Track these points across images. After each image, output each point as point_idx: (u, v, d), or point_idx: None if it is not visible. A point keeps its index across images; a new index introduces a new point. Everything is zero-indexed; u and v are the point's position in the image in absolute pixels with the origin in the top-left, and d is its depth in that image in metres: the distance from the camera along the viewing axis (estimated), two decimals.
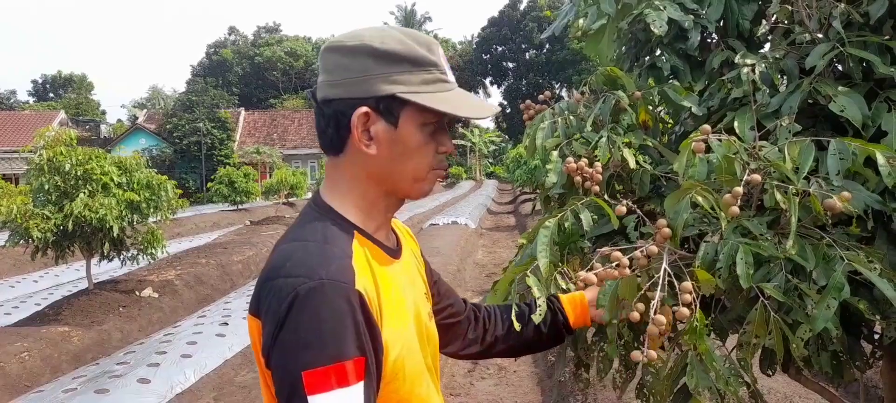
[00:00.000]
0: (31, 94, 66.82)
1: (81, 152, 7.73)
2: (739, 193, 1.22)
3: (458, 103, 1.12)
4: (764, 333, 1.24)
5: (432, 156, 1.15)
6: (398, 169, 1.13)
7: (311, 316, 0.98)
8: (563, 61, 55.27)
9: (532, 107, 1.88)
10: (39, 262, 9.04)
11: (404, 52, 1.09)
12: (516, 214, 22.62)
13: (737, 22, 1.76)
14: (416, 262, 1.35)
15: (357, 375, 0.99)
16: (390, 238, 1.24)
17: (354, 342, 0.99)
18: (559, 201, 1.84)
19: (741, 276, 1.21)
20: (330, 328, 0.98)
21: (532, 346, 1.57)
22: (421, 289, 1.29)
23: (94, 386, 5.15)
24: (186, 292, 9.30)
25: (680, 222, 1.27)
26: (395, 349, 1.09)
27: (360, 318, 1.01)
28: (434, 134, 1.14)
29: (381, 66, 1.09)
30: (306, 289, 0.99)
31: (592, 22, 1.96)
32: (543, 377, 5.65)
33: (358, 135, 1.10)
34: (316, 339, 0.98)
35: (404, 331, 1.13)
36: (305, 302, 0.99)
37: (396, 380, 1.10)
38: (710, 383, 1.30)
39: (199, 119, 34.89)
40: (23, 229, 7.31)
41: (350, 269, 1.04)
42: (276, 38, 67.82)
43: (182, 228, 18.49)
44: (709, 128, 1.34)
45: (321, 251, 1.06)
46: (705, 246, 1.29)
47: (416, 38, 1.12)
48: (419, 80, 1.10)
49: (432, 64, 1.11)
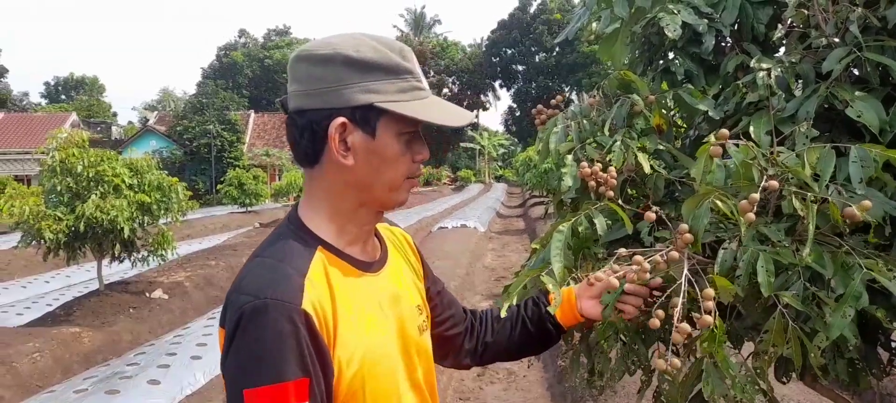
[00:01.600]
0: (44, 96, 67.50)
1: (93, 154, 7.78)
2: (756, 199, 1.21)
3: (434, 111, 1.10)
4: (782, 342, 1.23)
5: (408, 165, 1.13)
6: (375, 179, 1.11)
7: (254, 336, 0.98)
8: (572, 64, 55.19)
9: (544, 112, 1.87)
10: (51, 263, 9.11)
11: (379, 60, 1.07)
12: (526, 218, 22.58)
13: (752, 26, 1.74)
14: (410, 273, 1.33)
15: (298, 396, 0.98)
16: (369, 251, 1.21)
17: (297, 363, 0.98)
18: (572, 205, 1.83)
19: (762, 284, 1.20)
20: (272, 348, 0.98)
21: (523, 349, 1.54)
22: (411, 302, 1.25)
23: (105, 387, 5.17)
24: (196, 294, 9.33)
25: (701, 227, 1.26)
26: (351, 368, 1.07)
27: (305, 339, 0.99)
28: (410, 142, 1.13)
29: (357, 75, 1.06)
30: (251, 309, 0.99)
31: (605, 25, 1.94)
32: (553, 382, 5.63)
33: (335, 146, 1.08)
34: (257, 359, 0.97)
35: (368, 348, 1.10)
36: (249, 322, 0.99)
37: (354, 400, 1.08)
38: (726, 390, 1.28)
39: (210, 121, 35.06)
40: (35, 230, 7.36)
41: (299, 289, 1.02)
42: (285, 41, 68.12)
43: (192, 230, 18.58)
44: (726, 133, 1.32)
45: (274, 269, 1.05)
46: (724, 253, 1.28)
47: (389, 45, 1.10)
48: (395, 89, 1.08)
49: (408, 71, 1.10)
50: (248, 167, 28.62)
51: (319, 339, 1.02)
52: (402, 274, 1.29)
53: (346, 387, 1.06)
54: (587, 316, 1.47)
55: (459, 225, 17.14)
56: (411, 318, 1.23)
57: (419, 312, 1.27)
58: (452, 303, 1.48)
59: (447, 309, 1.46)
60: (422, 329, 1.26)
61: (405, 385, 1.19)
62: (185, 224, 13.99)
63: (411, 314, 1.23)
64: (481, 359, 1.52)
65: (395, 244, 1.34)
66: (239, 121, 37.87)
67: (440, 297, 1.44)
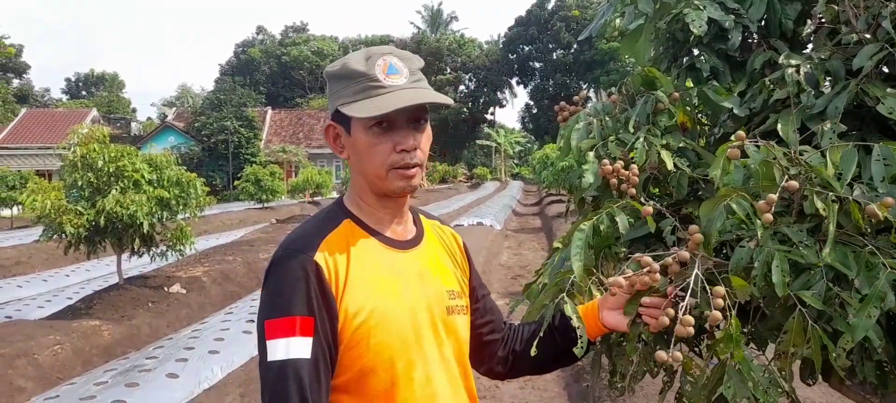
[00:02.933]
0: (65, 92, 68.33)
1: (114, 149, 7.86)
2: (773, 200, 1.19)
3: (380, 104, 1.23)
4: (801, 342, 1.20)
5: (387, 155, 1.26)
6: (363, 169, 1.30)
7: (275, 278, 1.22)
8: (590, 61, 54.81)
9: (567, 109, 1.86)
10: (71, 257, 9.20)
11: (340, 71, 1.29)
12: (542, 216, 22.51)
13: (780, 21, 1.71)
14: (451, 266, 1.45)
15: (304, 330, 1.18)
16: (400, 233, 1.37)
17: (304, 303, 1.19)
18: (593, 204, 1.81)
19: (777, 284, 1.18)
20: (285, 288, 1.20)
21: (548, 361, 1.56)
22: (443, 284, 1.38)
23: (124, 380, 5.23)
24: (213, 289, 9.40)
25: (713, 229, 1.24)
26: (357, 318, 1.23)
27: (314, 284, 1.20)
28: (386, 134, 1.26)
29: (333, 87, 1.30)
30: (276, 258, 1.25)
31: (629, 22, 1.92)
32: (570, 381, 5.61)
33: (331, 145, 1.34)
34: (275, 296, 1.21)
35: (377, 305, 1.25)
36: (273, 268, 1.24)
37: (357, 348, 1.24)
38: (748, 393, 1.26)
39: (227, 117, 35.30)
40: (57, 224, 7.44)
41: (315, 245, 1.24)
42: (303, 38, 68.40)
43: (209, 225, 18.72)
44: (743, 134, 1.30)
45: (301, 231, 1.30)
46: (739, 252, 1.26)
47: (363, 54, 1.29)
48: (352, 91, 1.26)
49: (362, 74, 1.26)
50: (265, 163, 28.81)
51: (326, 287, 1.22)
52: (438, 260, 1.42)
53: (351, 334, 1.23)
54: (610, 328, 1.47)
55: (476, 223, 17.12)
56: (439, 297, 1.36)
57: (451, 296, 1.38)
58: (493, 311, 1.55)
59: (486, 314, 1.53)
60: (451, 310, 1.37)
61: (432, 354, 1.31)
62: (202, 219, 14.10)
63: (439, 293, 1.36)
64: (511, 369, 1.57)
65: (441, 239, 1.47)
66: (256, 118, 38.12)
67: (482, 302, 1.53)
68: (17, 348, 5.96)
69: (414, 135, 1.27)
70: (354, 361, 1.24)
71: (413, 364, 1.28)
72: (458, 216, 20.50)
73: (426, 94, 1.27)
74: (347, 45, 64.52)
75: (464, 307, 1.42)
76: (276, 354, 1.17)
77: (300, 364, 1.17)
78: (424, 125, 1.30)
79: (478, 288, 1.52)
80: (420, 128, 1.29)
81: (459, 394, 1.37)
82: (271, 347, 1.18)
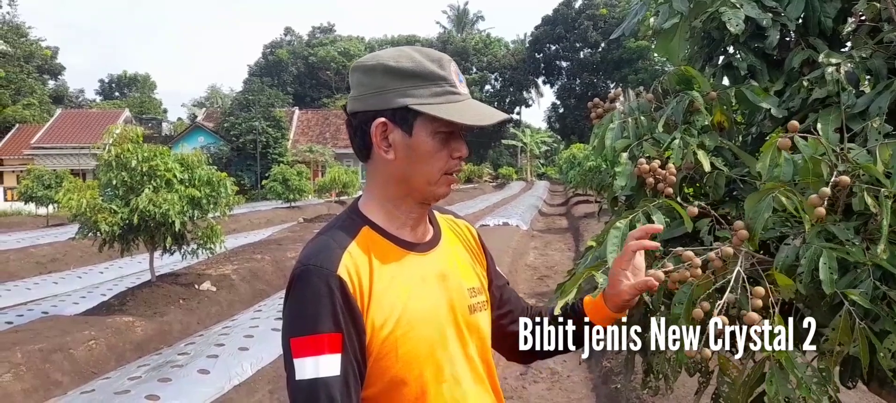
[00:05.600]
0: (98, 93, 69.61)
1: (147, 149, 8.00)
2: (827, 194, 1.17)
3: (464, 112, 1.23)
4: (848, 341, 1.19)
5: (445, 161, 1.26)
6: (413, 172, 1.26)
7: (298, 295, 1.20)
8: (618, 60, 54.27)
9: (600, 106, 1.85)
10: (104, 254, 9.40)
11: (415, 68, 1.23)
12: (569, 216, 22.37)
13: (819, 20, 1.69)
14: (469, 260, 1.44)
15: (332, 347, 1.16)
16: (419, 234, 1.34)
17: (331, 319, 1.17)
18: (627, 203, 1.81)
19: (824, 282, 1.16)
20: (310, 305, 1.18)
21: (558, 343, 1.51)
22: (463, 283, 1.36)
23: (157, 375, 5.32)
24: (243, 286, 9.52)
25: (759, 223, 1.22)
26: (385, 329, 1.22)
27: (339, 300, 1.18)
28: (447, 140, 1.25)
29: (396, 82, 1.23)
30: (297, 274, 1.21)
31: (664, 20, 1.90)
32: (598, 383, 5.57)
33: (377, 143, 1.25)
34: (300, 314, 1.19)
35: (404, 314, 1.24)
36: (295, 284, 1.21)
37: (386, 359, 1.23)
38: (790, 391, 1.24)
39: (255, 118, 35.71)
40: (92, 222, 7.60)
41: (337, 259, 1.21)
42: (330, 39, 68.82)
43: (237, 224, 18.95)
44: (797, 125, 1.28)
45: (321, 243, 1.25)
46: (785, 249, 1.24)
47: (429, 55, 1.26)
48: (429, 93, 1.22)
49: (442, 78, 1.23)
50: (292, 163, 29.07)
51: (351, 301, 1.19)
52: (458, 258, 1.40)
53: (380, 346, 1.22)
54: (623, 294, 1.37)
55: (501, 223, 17.08)
56: (461, 296, 1.34)
57: (473, 294, 1.37)
58: (511, 301, 1.53)
59: (505, 304, 1.51)
60: (474, 308, 1.36)
61: (457, 355, 1.31)
62: (231, 218, 14.25)
63: (461, 293, 1.34)
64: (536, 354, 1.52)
65: (457, 234, 1.46)
66: (283, 118, 38.46)
67: (501, 291, 1.51)
68: (54, 343, 6.11)
69: (465, 143, 1.29)
70: (384, 372, 1.24)
71: (441, 367, 1.28)
72: (483, 216, 20.47)
73: (499, 114, 1.28)
74: (374, 45, 64.73)
75: (484, 302, 1.42)
76: (305, 373, 1.16)
77: (331, 383, 1.16)
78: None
79: (495, 279, 1.51)
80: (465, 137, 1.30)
81: (487, 392, 1.38)
82: (299, 366, 1.17)
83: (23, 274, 11.67)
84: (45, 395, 5.44)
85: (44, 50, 48.43)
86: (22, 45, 44.62)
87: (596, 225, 15.07)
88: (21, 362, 5.64)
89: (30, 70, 44.33)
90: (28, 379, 5.53)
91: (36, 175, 20.97)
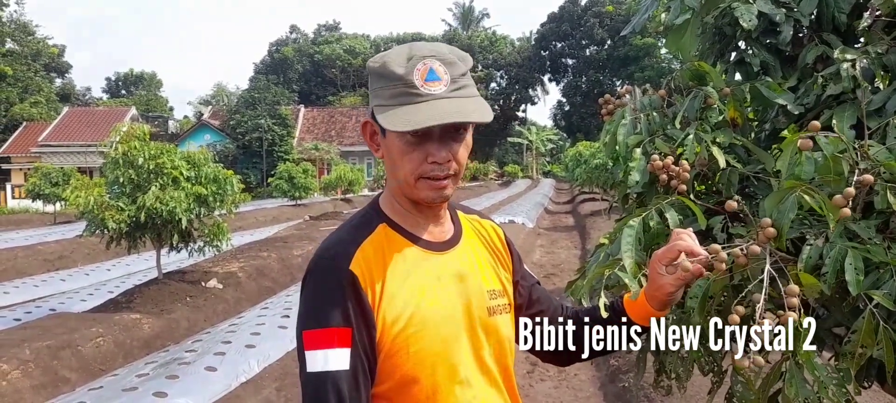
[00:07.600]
0: (105, 91, 69.78)
1: (153, 147, 8.01)
2: (851, 194, 1.15)
3: (413, 115, 1.16)
4: (872, 343, 1.17)
5: (418, 164, 1.22)
6: (395, 173, 1.27)
7: (311, 289, 1.22)
8: (624, 57, 54.11)
9: (611, 102, 1.83)
10: (111, 251, 9.43)
11: (379, 69, 1.22)
12: (575, 214, 22.33)
13: (833, 15, 1.67)
14: (491, 262, 1.40)
15: (342, 341, 1.18)
16: (437, 234, 1.33)
17: (341, 314, 1.18)
18: (638, 200, 1.79)
19: (850, 283, 1.14)
20: (322, 299, 1.20)
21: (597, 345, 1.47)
22: (482, 285, 1.34)
23: (165, 372, 5.34)
24: (249, 284, 9.53)
25: (786, 222, 1.20)
26: (396, 326, 1.22)
27: (350, 295, 1.19)
28: (421, 143, 1.21)
29: (373, 84, 1.25)
30: (312, 267, 1.24)
31: (675, 16, 1.89)
32: (605, 381, 5.56)
33: (368, 142, 1.31)
34: (312, 307, 1.21)
35: (417, 312, 1.23)
36: (309, 278, 1.23)
37: (397, 356, 1.23)
38: (810, 393, 1.23)
39: (261, 115, 35.80)
40: (99, 220, 7.62)
41: (350, 254, 1.22)
42: (335, 36, 68.82)
43: (243, 222, 18.98)
44: (818, 124, 1.27)
45: (336, 239, 1.28)
46: (809, 249, 1.22)
47: (403, 53, 1.22)
48: (389, 95, 1.21)
49: (398, 78, 1.19)
50: (298, 161, 29.09)
51: (362, 297, 1.20)
52: (478, 259, 1.37)
53: (390, 342, 1.22)
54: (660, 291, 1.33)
55: (507, 221, 17.05)
56: (479, 298, 1.32)
57: (492, 296, 1.34)
58: (542, 301, 1.48)
59: (535, 305, 1.47)
60: (492, 311, 1.33)
61: (471, 357, 1.29)
62: (237, 216, 14.30)
63: (479, 294, 1.32)
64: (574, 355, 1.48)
65: (479, 234, 1.42)
66: (289, 116, 38.53)
67: (530, 291, 1.48)
68: (62, 340, 6.13)
69: (449, 146, 1.22)
70: (395, 369, 1.23)
71: (454, 369, 1.27)
72: (489, 213, 20.39)
73: (460, 112, 1.18)
74: (379, 43, 64.77)
75: (506, 305, 1.38)
76: (314, 365, 1.18)
77: (339, 376, 1.18)
78: (463, 135, 1.23)
79: (522, 279, 1.47)
80: (458, 138, 1.22)
81: (501, 396, 1.35)
82: (310, 358, 1.19)
83: (31, 271, 11.72)
84: (54, 392, 5.46)
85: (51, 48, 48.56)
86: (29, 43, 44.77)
87: (603, 223, 15.03)
88: (30, 359, 5.66)
89: (37, 68, 44.49)
90: (37, 376, 5.55)
91: (43, 173, 21.04)
